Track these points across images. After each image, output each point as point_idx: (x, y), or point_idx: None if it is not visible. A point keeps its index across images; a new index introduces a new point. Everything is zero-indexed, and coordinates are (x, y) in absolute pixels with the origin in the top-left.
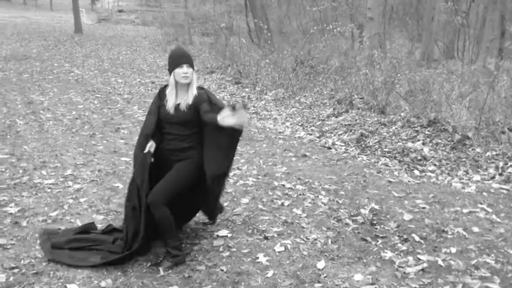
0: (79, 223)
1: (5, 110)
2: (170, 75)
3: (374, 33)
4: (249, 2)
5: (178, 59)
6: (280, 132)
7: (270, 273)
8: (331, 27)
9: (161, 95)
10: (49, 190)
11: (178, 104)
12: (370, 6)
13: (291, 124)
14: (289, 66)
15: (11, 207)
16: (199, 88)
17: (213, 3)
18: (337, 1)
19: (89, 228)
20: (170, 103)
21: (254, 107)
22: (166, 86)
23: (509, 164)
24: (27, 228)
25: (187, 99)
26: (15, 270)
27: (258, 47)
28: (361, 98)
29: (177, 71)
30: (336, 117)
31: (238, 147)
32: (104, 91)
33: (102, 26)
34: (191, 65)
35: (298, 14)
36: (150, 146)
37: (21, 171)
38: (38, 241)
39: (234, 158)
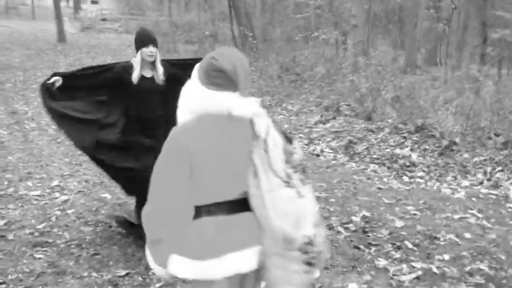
0: (67, 236)
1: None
2: (137, 53)
3: (358, 40)
4: (233, 10)
5: (145, 39)
6: None
7: (264, 283)
8: (315, 34)
9: (123, 74)
10: (35, 202)
11: (151, 77)
12: (354, 14)
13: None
14: (275, 73)
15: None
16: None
17: (198, 11)
18: (320, 8)
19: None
20: (135, 75)
21: None
22: (125, 67)
23: (497, 169)
24: (13, 242)
25: (156, 73)
26: (2, 286)
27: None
28: (347, 105)
29: (144, 50)
30: (324, 124)
31: None
32: None
33: (85, 34)
34: (155, 45)
35: (282, 21)
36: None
37: (6, 183)
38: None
39: None
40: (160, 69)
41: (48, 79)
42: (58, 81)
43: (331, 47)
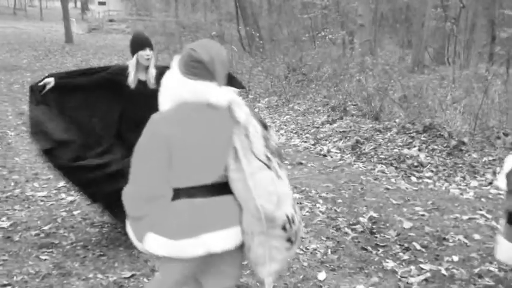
0: (73, 237)
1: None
2: (133, 57)
3: (365, 39)
4: (240, 10)
5: (142, 43)
6: None
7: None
8: (322, 34)
9: (119, 75)
10: (42, 203)
11: (144, 81)
12: (361, 13)
13: (285, 132)
14: (282, 73)
15: (2, 221)
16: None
17: (204, 11)
18: (327, 8)
19: None
20: (130, 78)
21: None
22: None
23: None
24: (19, 243)
25: (149, 77)
26: None
27: (249, 55)
28: (354, 105)
29: (141, 53)
30: (331, 124)
31: None
32: None
33: (92, 35)
34: (152, 48)
35: (289, 21)
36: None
37: (12, 184)
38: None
39: None
40: (152, 73)
41: (40, 81)
42: (49, 83)
43: (337, 46)
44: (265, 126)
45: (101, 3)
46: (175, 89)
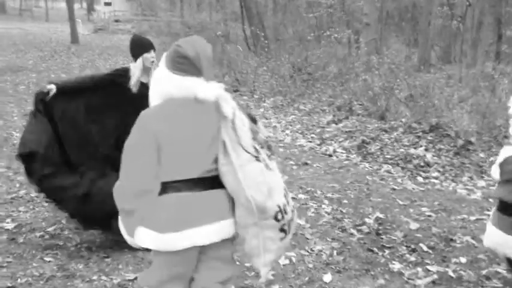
0: (77, 238)
1: (1, 123)
2: (136, 60)
3: (370, 38)
4: (245, 10)
5: (146, 45)
6: (280, 140)
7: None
8: (327, 33)
9: (120, 77)
10: (46, 204)
11: (146, 83)
12: (366, 12)
13: (290, 132)
14: (287, 73)
15: (7, 222)
16: None
17: (209, 11)
18: (332, 7)
19: None
20: (133, 81)
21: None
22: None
23: None
24: (24, 245)
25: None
26: None
27: (255, 55)
28: (360, 104)
29: (146, 55)
30: (336, 124)
31: None
32: None
33: (98, 36)
34: (155, 50)
35: (294, 21)
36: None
37: (17, 185)
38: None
39: None
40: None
41: (42, 90)
42: (52, 89)
43: (343, 46)
44: (253, 120)
45: (106, 4)
46: (163, 85)
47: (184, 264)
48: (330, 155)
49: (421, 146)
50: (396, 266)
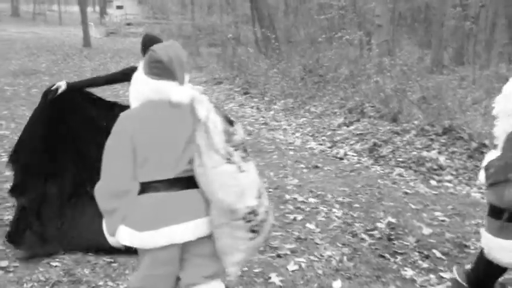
0: None
1: (13, 126)
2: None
3: (382, 40)
4: (256, 12)
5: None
6: (290, 143)
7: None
8: (339, 35)
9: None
10: None
11: None
12: (378, 13)
13: (301, 134)
14: (298, 75)
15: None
16: None
17: (220, 14)
18: (344, 9)
19: None
20: None
21: (263, 117)
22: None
23: None
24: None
25: None
26: None
27: (265, 57)
28: (372, 107)
29: None
30: (347, 126)
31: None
32: None
33: (110, 39)
34: None
35: (306, 22)
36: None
37: None
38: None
39: None
40: None
41: (51, 86)
42: (61, 87)
43: (355, 47)
44: (230, 122)
45: (118, 7)
46: (140, 88)
47: (168, 262)
48: (341, 158)
49: (434, 149)
50: (408, 272)
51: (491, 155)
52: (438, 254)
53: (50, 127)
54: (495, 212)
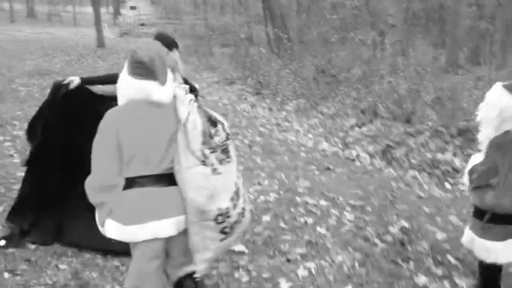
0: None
1: (26, 126)
2: None
3: (396, 40)
4: (268, 12)
5: (170, 44)
6: (302, 144)
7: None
8: (352, 35)
9: None
10: None
11: None
12: (391, 13)
13: (313, 136)
14: (310, 75)
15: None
16: None
17: (233, 14)
18: (357, 9)
19: None
20: None
21: (275, 118)
22: None
23: None
24: (39, 251)
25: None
26: None
27: (278, 57)
28: (385, 107)
29: (170, 54)
30: (360, 127)
31: (259, 160)
32: None
33: (124, 40)
34: (178, 49)
35: (318, 22)
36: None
37: None
38: None
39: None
40: (179, 75)
41: (62, 80)
42: (73, 81)
43: (368, 47)
44: (213, 123)
45: (132, 8)
46: (125, 88)
47: (154, 257)
48: (353, 160)
49: (448, 151)
50: (422, 279)
51: (475, 159)
52: (453, 260)
53: (60, 121)
54: (478, 213)
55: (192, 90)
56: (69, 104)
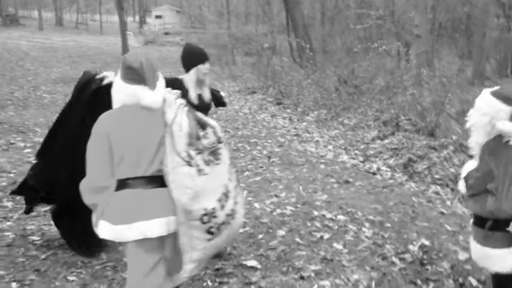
0: (104, 256)
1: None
2: (189, 71)
3: (421, 51)
4: (291, 22)
5: (200, 56)
6: (322, 156)
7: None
8: (376, 45)
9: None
10: None
11: (200, 95)
12: (417, 23)
13: (333, 147)
14: (332, 86)
15: (38, 236)
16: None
17: (256, 23)
18: (382, 19)
19: None
20: (193, 94)
21: (295, 128)
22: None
23: None
24: (49, 261)
25: (204, 91)
26: None
27: (300, 67)
28: (408, 120)
29: (201, 67)
30: (381, 140)
31: (277, 171)
32: None
33: (148, 48)
34: (209, 61)
35: (342, 32)
36: (107, 75)
37: None
38: None
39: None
40: (207, 87)
41: (95, 74)
42: (108, 77)
43: (392, 58)
44: (203, 126)
45: (157, 17)
46: (117, 93)
47: (149, 255)
48: (374, 173)
49: None
50: None
51: (470, 165)
52: (474, 282)
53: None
54: (479, 221)
55: (218, 98)
56: (97, 102)
